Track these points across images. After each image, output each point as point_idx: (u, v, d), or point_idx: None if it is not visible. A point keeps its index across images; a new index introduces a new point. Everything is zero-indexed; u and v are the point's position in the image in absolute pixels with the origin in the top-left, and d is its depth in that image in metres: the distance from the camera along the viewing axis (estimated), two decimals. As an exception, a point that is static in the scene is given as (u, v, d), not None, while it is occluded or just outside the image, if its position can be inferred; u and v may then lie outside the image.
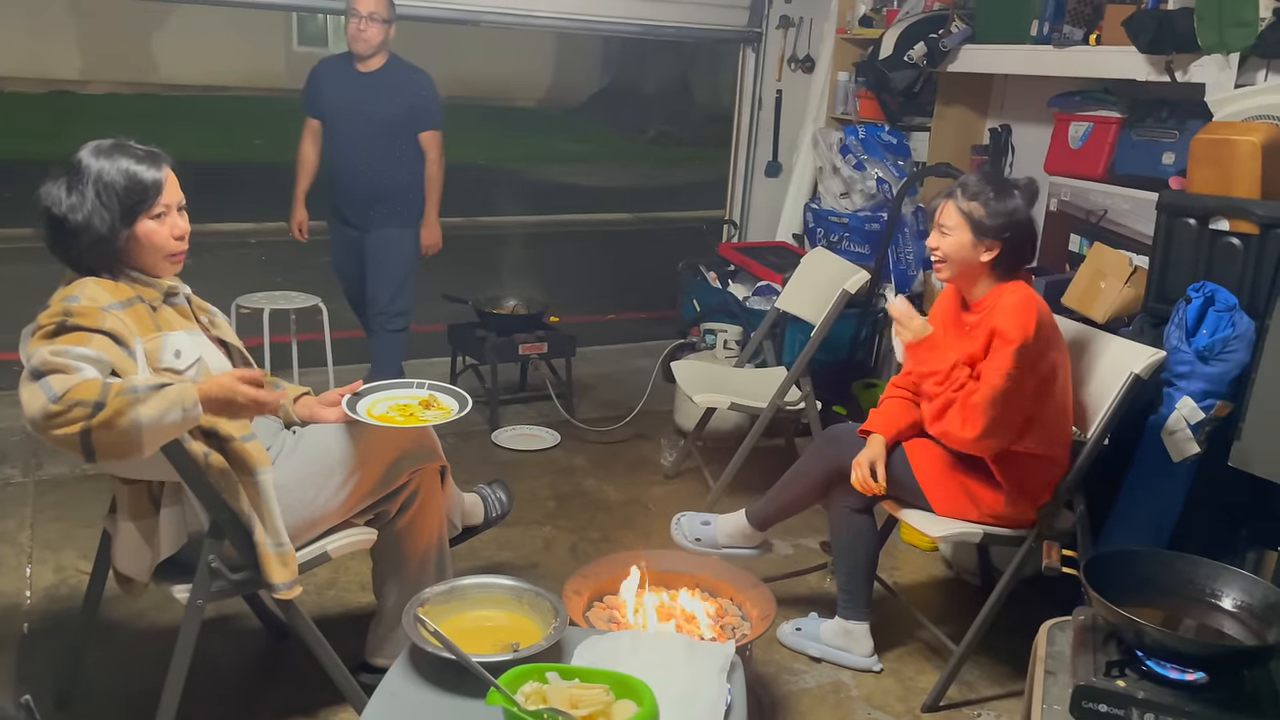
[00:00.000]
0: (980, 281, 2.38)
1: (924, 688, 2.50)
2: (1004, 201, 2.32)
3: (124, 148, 1.91)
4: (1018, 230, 2.33)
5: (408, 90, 3.76)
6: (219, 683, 2.35)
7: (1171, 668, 1.52)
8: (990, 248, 2.33)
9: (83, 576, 2.72)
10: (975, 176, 2.40)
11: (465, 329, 4.19)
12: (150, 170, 1.90)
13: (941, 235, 2.37)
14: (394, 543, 2.24)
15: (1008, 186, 2.35)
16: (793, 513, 2.65)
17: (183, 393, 1.74)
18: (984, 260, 2.34)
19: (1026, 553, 2.38)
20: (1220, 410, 2.49)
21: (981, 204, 2.32)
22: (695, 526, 2.69)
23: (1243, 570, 1.67)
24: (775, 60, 4.89)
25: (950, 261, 2.37)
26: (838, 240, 4.36)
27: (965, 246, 2.34)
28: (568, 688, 1.48)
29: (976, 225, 2.32)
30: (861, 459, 2.41)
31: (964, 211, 2.34)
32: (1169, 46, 3.03)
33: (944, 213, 2.37)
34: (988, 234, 2.32)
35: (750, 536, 2.67)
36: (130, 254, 1.92)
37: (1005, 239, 2.32)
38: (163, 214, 1.93)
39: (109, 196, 1.86)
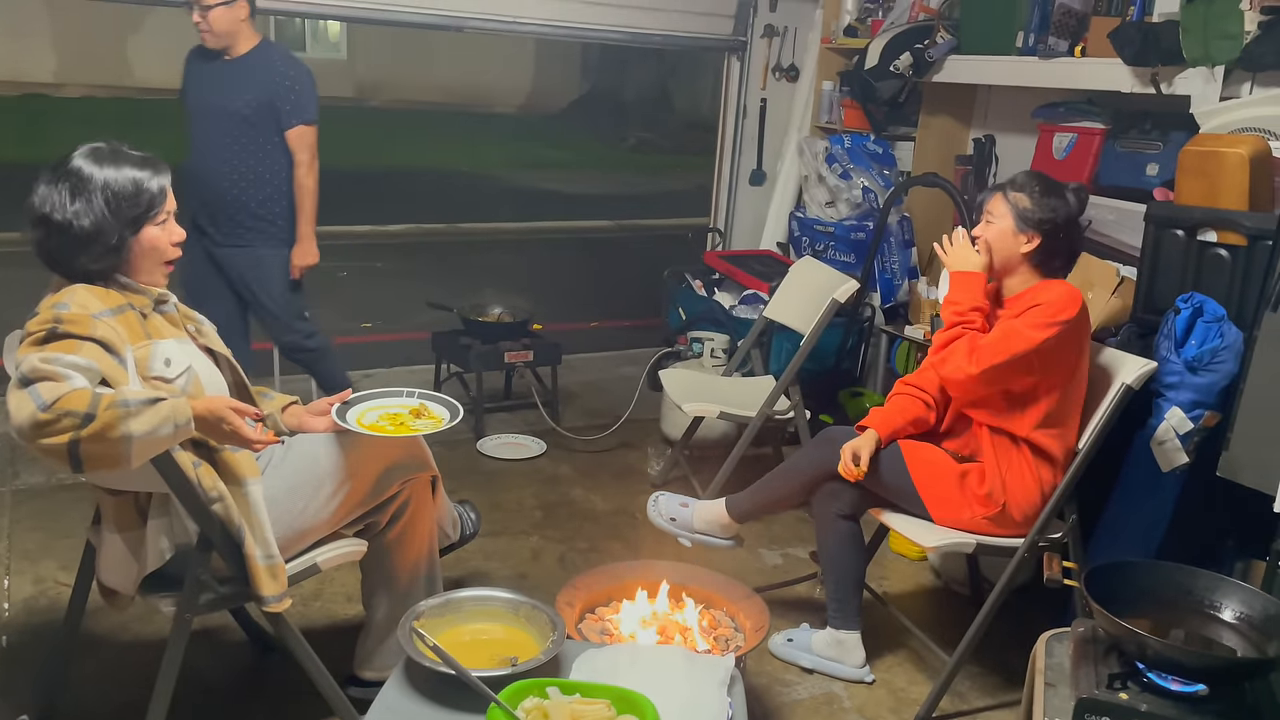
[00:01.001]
0: (1018, 273, 2.44)
1: (916, 699, 2.49)
2: (1049, 198, 2.39)
3: (123, 154, 1.89)
4: (1060, 228, 2.39)
5: (270, 79, 3.24)
6: (205, 697, 2.31)
7: (1173, 680, 1.52)
8: (1030, 239, 2.38)
9: (62, 588, 2.68)
10: (1024, 173, 2.48)
11: (449, 336, 4.16)
12: (156, 177, 1.89)
13: (986, 224, 2.44)
14: (384, 554, 2.22)
15: (1058, 187, 2.42)
16: (775, 510, 2.64)
17: (175, 408, 1.71)
18: (1023, 251, 2.39)
19: (1019, 563, 2.38)
20: (1209, 420, 2.51)
21: (1027, 195, 2.39)
22: (673, 507, 2.67)
23: (1241, 581, 1.68)
24: (760, 69, 4.90)
25: (991, 250, 2.43)
26: (823, 249, 4.37)
27: (1006, 234, 2.40)
28: (569, 703, 1.46)
29: (1020, 214, 2.39)
30: (848, 446, 2.43)
31: (1010, 201, 2.40)
32: (1154, 59, 3.06)
33: (992, 202, 2.44)
34: (1029, 225, 2.38)
35: (726, 527, 2.65)
36: (129, 262, 1.90)
37: (1045, 232, 2.37)
38: (165, 220, 1.92)
39: (118, 204, 1.84)
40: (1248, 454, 2.37)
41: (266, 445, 1.87)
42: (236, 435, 1.80)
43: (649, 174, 11.91)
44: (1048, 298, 2.34)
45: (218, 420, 1.78)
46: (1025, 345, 2.30)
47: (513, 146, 13.02)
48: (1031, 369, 2.33)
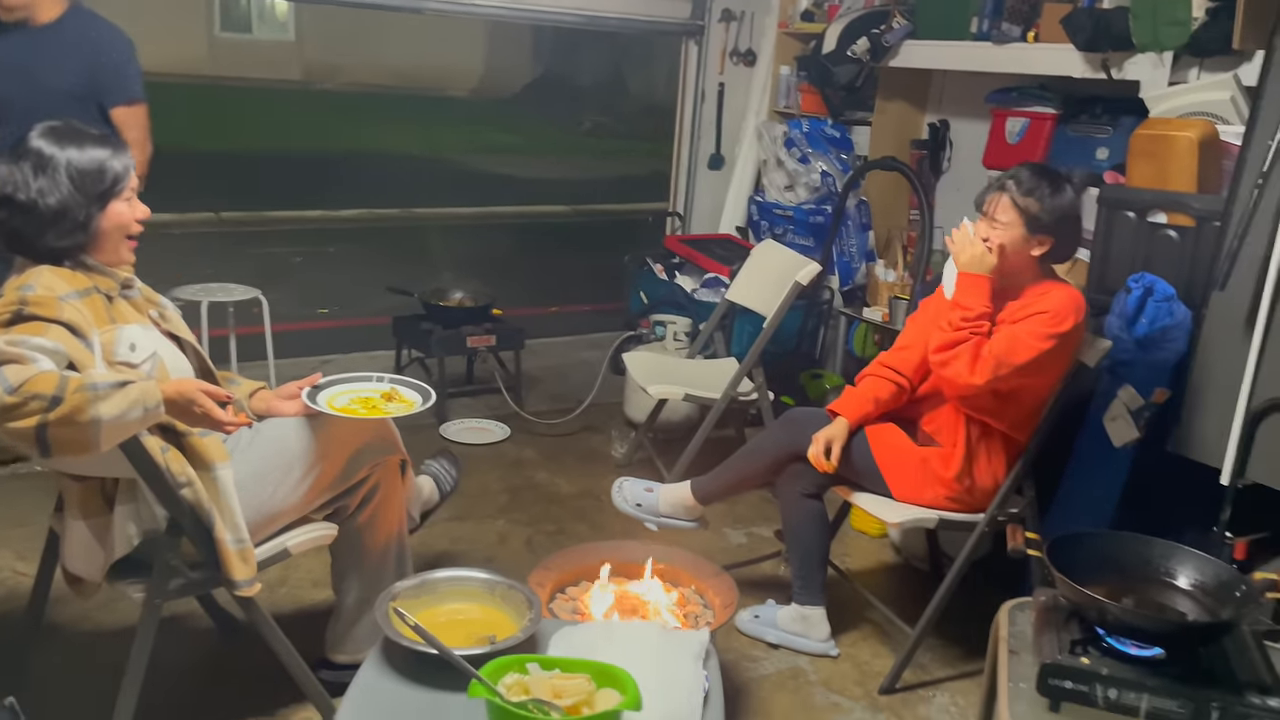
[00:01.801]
0: (1026, 274, 2.40)
1: (880, 671, 2.55)
2: (1059, 197, 2.35)
3: (83, 133, 1.88)
4: (1070, 224, 2.38)
5: (88, 50, 2.87)
6: (174, 683, 2.28)
7: (1131, 644, 1.58)
8: (1043, 242, 2.36)
9: (20, 578, 2.63)
10: (1028, 170, 2.39)
11: (410, 321, 4.14)
12: (118, 155, 1.89)
13: (992, 227, 2.38)
14: (354, 538, 2.21)
15: (1061, 181, 2.38)
16: (739, 491, 2.67)
17: (145, 391, 1.69)
18: (1035, 254, 2.38)
19: (978, 537, 2.44)
20: (1159, 397, 2.58)
21: (1038, 199, 2.33)
22: (638, 492, 2.69)
23: (1195, 550, 1.74)
24: (717, 53, 4.92)
25: (1002, 253, 2.37)
26: (782, 233, 4.41)
27: (1018, 240, 2.35)
28: (549, 678, 1.48)
29: (1031, 220, 2.34)
30: (820, 435, 2.45)
31: (1020, 207, 2.34)
32: (1105, 44, 3.13)
33: (997, 206, 2.38)
34: (1042, 229, 2.35)
35: (691, 509, 2.67)
36: (94, 240, 1.88)
37: (1057, 233, 2.36)
38: (130, 197, 1.91)
39: (83, 181, 1.83)
40: (1196, 429, 2.46)
41: (238, 427, 1.86)
42: (207, 417, 1.79)
43: (604, 159, 11.89)
44: (1051, 305, 2.32)
45: (188, 403, 1.77)
46: (1028, 355, 2.30)
47: (466, 130, 12.92)
48: (1025, 374, 2.34)
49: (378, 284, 4.33)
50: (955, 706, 2.45)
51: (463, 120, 13.51)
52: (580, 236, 8.56)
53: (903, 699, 2.47)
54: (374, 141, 11.28)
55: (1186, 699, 1.49)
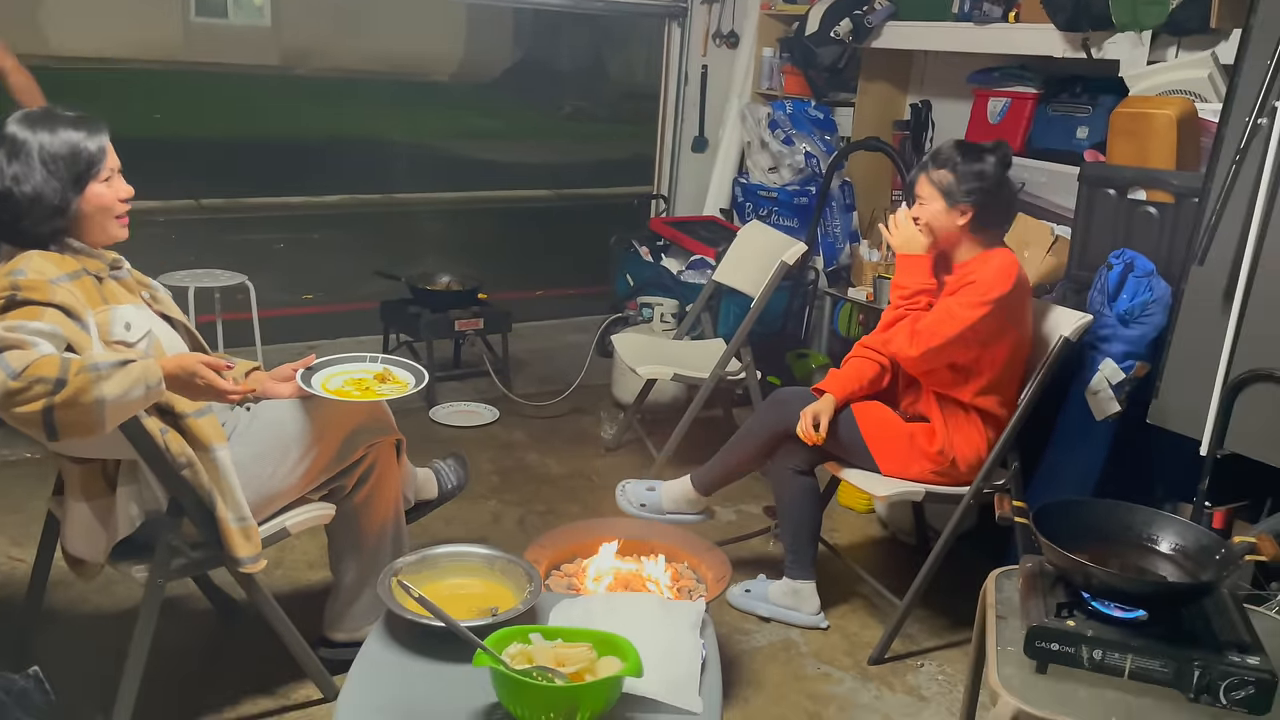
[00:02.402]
0: (962, 245, 2.48)
1: (869, 642, 2.60)
2: (972, 165, 2.42)
3: (57, 117, 1.87)
4: (989, 192, 2.43)
5: None
6: (175, 665, 2.30)
7: (1115, 607, 1.62)
8: (964, 211, 2.43)
9: (15, 564, 2.64)
10: (945, 145, 2.49)
11: (398, 305, 4.15)
12: (92, 137, 1.87)
13: (920, 206, 2.47)
14: (351, 518, 2.24)
15: (977, 150, 2.45)
16: (738, 476, 2.71)
17: (146, 369, 1.71)
18: (960, 224, 2.44)
19: (965, 509, 2.50)
20: (1139, 371, 2.64)
21: (950, 170, 2.42)
22: (640, 492, 2.74)
23: (1176, 515, 1.79)
24: (700, 35, 4.93)
25: (929, 229, 2.47)
26: (767, 214, 4.44)
27: (940, 214, 2.44)
28: (552, 647, 1.51)
29: (948, 193, 2.42)
30: (808, 410, 2.50)
31: (934, 181, 2.44)
32: (1085, 24, 3.17)
33: (919, 185, 2.47)
34: (959, 199, 2.42)
35: (694, 502, 2.73)
36: (79, 223, 1.88)
37: (976, 201, 2.42)
38: (109, 178, 1.90)
39: (57, 167, 1.82)
40: (1175, 401, 2.51)
41: (241, 394, 1.88)
42: (211, 388, 1.80)
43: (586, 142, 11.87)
44: (983, 275, 2.40)
45: (190, 376, 1.78)
46: (959, 326, 2.37)
47: (447, 115, 12.85)
48: (970, 345, 2.40)
49: (363, 269, 4.34)
50: (943, 674, 2.51)
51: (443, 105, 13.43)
52: (564, 220, 8.56)
53: (891, 668, 2.52)
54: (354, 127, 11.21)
55: (1169, 658, 1.54)
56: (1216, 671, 1.51)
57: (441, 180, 9.25)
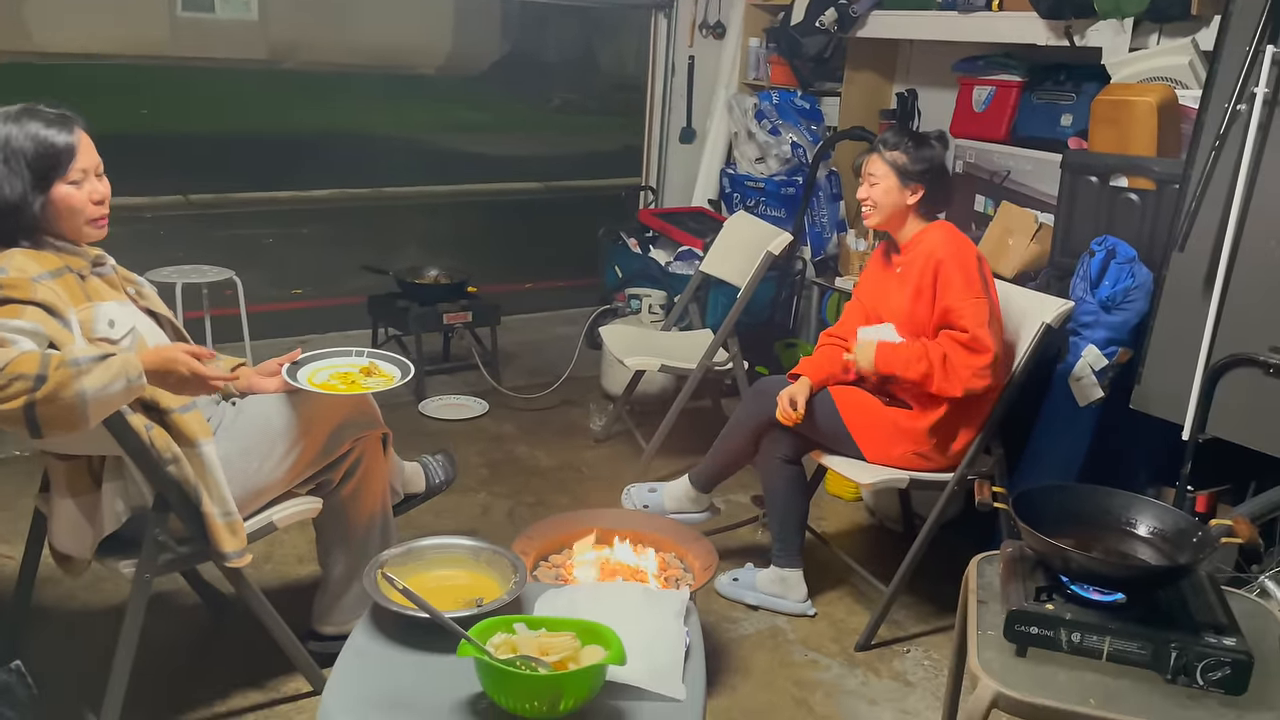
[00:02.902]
0: (908, 223, 2.59)
1: (855, 628, 2.62)
2: (923, 149, 2.55)
3: (33, 112, 1.85)
4: (937, 174, 2.56)
5: None
6: (164, 660, 2.31)
7: (1094, 590, 1.64)
8: (915, 190, 2.53)
9: (4, 560, 2.64)
10: (891, 131, 2.62)
11: (386, 300, 4.15)
12: (61, 134, 1.84)
13: (870, 185, 2.57)
14: (338, 511, 2.24)
15: (925, 137, 2.60)
16: (733, 469, 2.73)
17: (126, 363, 1.71)
18: (910, 203, 2.55)
19: (949, 496, 2.51)
20: (1122, 357, 2.66)
21: (903, 151, 2.54)
22: (643, 495, 2.77)
23: (1153, 499, 1.81)
24: (687, 26, 4.93)
25: (880, 207, 2.57)
26: (754, 205, 4.45)
27: (893, 191, 2.55)
28: (536, 637, 1.52)
29: (901, 171, 2.53)
30: (784, 393, 2.53)
31: (889, 160, 2.54)
32: (1067, 12, 3.18)
33: (870, 164, 2.58)
34: (912, 178, 2.53)
35: (696, 500, 2.75)
36: (49, 221, 1.86)
37: (927, 181, 2.53)
38: (79, 179, 1.87)
39: (18, 163, 1.80)
40: (1158, 387, 2.53)
41: (225, 382, 1.88)
42: (194, 378, 1.80)
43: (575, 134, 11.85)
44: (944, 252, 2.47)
45: (172, 366, 1.78)
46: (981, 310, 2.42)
47: (435, 108, 12.81)
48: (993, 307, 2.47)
49: (351, 264, 4.34)
50: (929, 660, 2.53)
51: (431, 98, 13.39)
52: (553, 213, 8.55)
53: (878, 654, 2.54)
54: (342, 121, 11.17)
55: (1146, 640, 1.56)
56: (1193, 653, 1.52)
57: (430, 174, 9.24)
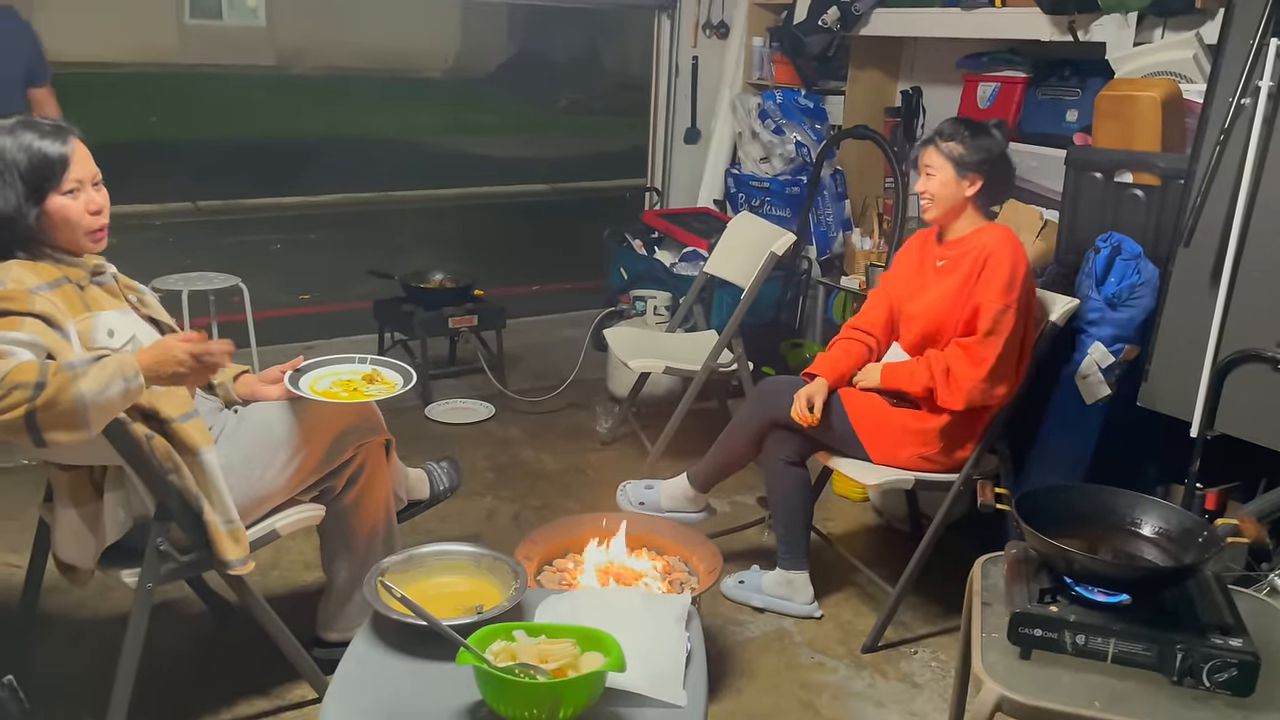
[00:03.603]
0: (964, 216, 2.52)
1: (862, 630, 2.61)
2: (980, 138, 2.48)
3: (28, 123, 1.86)
4: (996, 164, 2.50)
5: (18, 38, 3.21)
6: (169, 667, 2.32)
7: (1098, 591, 1.63)
8: (973, 181, 2.47)
9: (12, 570, 2.65)
10: (949, 121, 2.56)
11: (391, 304, 4.16)
12: (55, 145, 1.84)
13: (927, 177, 2.51)
14: (341, 518, 2.24)
15: (982, 126, 2.53)
16: (732, 469, 2.72)
17: (122, 363, 1.71)
18: (968, 194, 2.49)
19: (955, 496, 2.50)
20: (1129, 354, 2.64)
21: (959, 142, 2.47)
22: (639, 491, 2.75)
23: (1158, 498, 1.80)
24: (690, 26, 4.92)
25: (937, 200, 2.51)
26: (759, 204, 4.44)
27: (950, 183, 2.48)
28: (535, 644, 1.52)
29: (958, 162, 2.47)
30: (801, 394, 2.50)
31: (945, 151, 2.48)
32: (1071, 7, 3.16)
33: (926, 156, 2.52)
34: (970, 169, 2.47)
35: (694, 499, 2.74)
36: (46, 233, 1.87)
37: (985, 172, 2.47)
38: (75, 190, 1.87)
39: (12, 175, 1.81)
40: (1165, 384, 2.51)
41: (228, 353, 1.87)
42: (193, 361, 1.79)
43: (582, 135, 11.85)
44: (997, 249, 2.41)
45: (166, 354, 1.78)
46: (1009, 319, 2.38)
47: (442, 111, 12.83)
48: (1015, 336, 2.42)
49: (359, 268, 4.35)
50: (936, 661, 2.51)
51: (438, 101, 13.41)
52: (559, 214, 8.55)
53: (885, 656, 2.53)
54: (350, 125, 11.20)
55: (1151, 641, 1.54)
56: (1199, 654, 1.51)
57: (438, 177, 9.25)
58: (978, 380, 2.40)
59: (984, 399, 2.42)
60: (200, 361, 1.81)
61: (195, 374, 1.83)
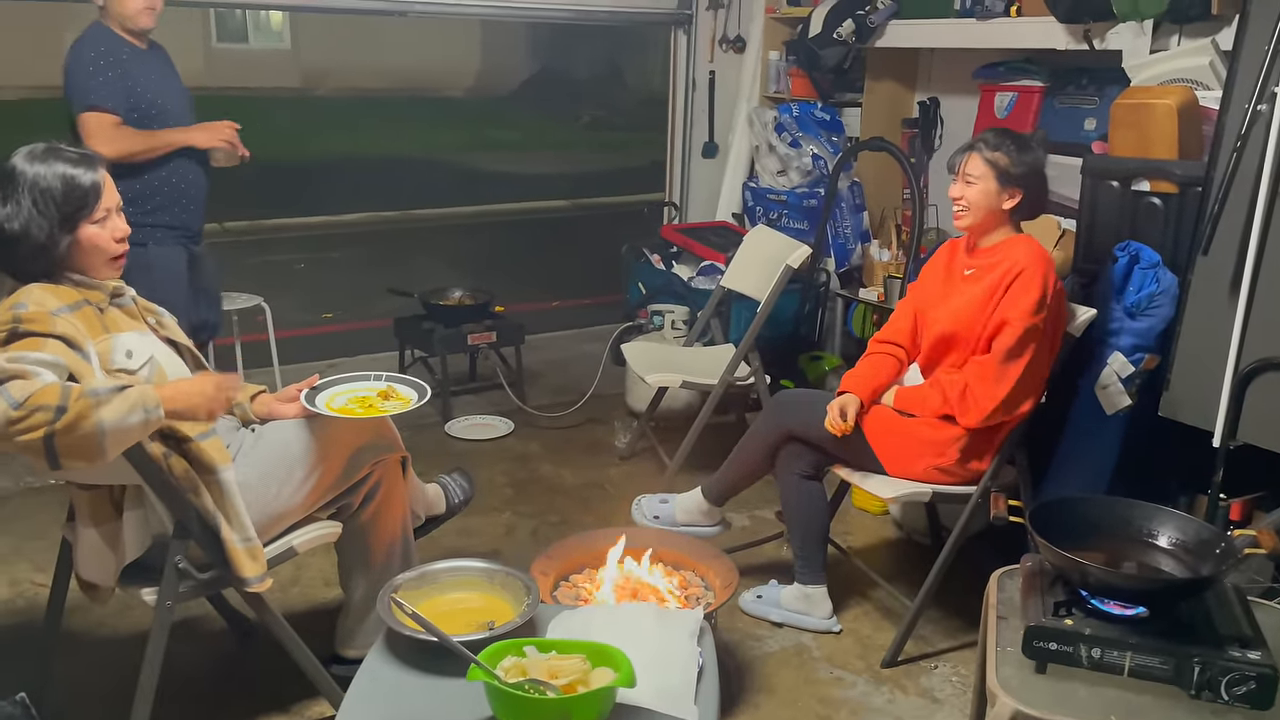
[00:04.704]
0: (997, 229, 2.49)
1: (882, 645, 2.59)
2: (1025, 153, 2.45)
3: (57, 152, 1.89)
4: (1037, 179, 2.47)
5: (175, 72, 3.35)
6: (190, 684, 2.34)
7: (1114, 604, 1.61)
8: (1013, 195, 2.44)
9: (39, 589, 2.69)
10: (993, 131, 2.51)
11: (412, 322, 4.19)
12: (88, 174, 1.88)
13: (967, 185, 2.46)
14: (359, 535, 2.26)
15: (1026, 140, 2.49)
16: (746, 483, 2.71)
17: (144, 394, 1.74)
18: (1006, 207, 2.45)
19: (973, 509, 2.48)
20: (1149, 363, 2.61)
21: (1005, 154, 2.43)
22: (654, 506, 2.76)
23: (1174, 509, 1.77)
24: (707, 41, 4.94)
25: (974, 209, 2.46)
26: (777, 217, 4.44)
27: (991, 194, 2.44)
28: (546, 659, 1.52)
29: (1002, 173, 2.43)
30: (834, 403, 2.49)
31: (989, 160, 2.43)
32: (1086, 15, 3.15)
33: (969, 163, 2.46)
34: (1012, 181, 2.43)
35: (708, 513, 2.73)
36: (72, 259, 1.90)
37: (1026, 187, 2.44)
38: (104, 218, 1.91)
39: (46, 204, 1.84)
40: (1186, 393, 2.48)
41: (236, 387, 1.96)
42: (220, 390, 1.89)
43: (604, 151, 11.89)
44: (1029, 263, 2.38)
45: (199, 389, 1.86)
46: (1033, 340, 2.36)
47: (465, 129, 12.93)
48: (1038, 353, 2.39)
49: (381, 286, 4.38)
50: (957, 676, 2.49)
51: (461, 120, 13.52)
52: (581, 230, 8.58)
53: (905, 671, 2.51)
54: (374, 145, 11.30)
55: (1168, 655, 1.53)
56: (1217, 667, 1.49)
57: (461, 194, 9.31)
58: (998, 399, 2.38)
59: (1003, 416, 2.40)
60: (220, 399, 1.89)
61: (210, 412, 1.89)
